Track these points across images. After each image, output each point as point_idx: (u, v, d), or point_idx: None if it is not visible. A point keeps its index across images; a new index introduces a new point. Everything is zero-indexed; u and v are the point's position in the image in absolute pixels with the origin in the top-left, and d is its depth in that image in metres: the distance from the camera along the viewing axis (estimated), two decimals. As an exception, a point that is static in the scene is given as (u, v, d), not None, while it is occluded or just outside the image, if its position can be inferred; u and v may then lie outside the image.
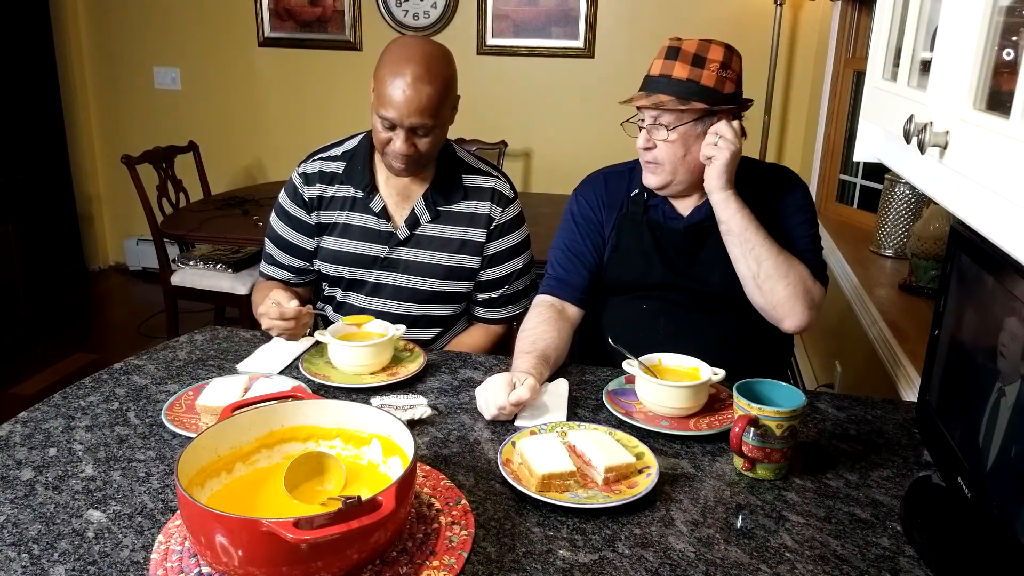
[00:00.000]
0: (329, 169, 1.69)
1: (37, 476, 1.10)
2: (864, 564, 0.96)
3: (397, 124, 1.51)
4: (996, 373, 0.96)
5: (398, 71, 1.48)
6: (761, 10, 3.64)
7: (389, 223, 1.67)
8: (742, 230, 1.43)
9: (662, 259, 1.55)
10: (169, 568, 0.91)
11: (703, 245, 1.54)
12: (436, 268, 1.68)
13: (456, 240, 1.68)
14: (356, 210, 1.68)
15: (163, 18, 4.33)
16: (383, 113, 1.51)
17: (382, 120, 1.52)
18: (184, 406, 1.30)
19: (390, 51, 1.54)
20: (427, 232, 1.67)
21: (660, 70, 1.45)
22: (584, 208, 1.62)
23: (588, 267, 1.59)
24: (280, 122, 4.38)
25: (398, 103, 1.48)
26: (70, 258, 4.64)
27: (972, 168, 0.77)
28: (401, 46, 1.54)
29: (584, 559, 0.96)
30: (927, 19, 1.03)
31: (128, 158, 3.35)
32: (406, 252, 1.68)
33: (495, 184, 1.71)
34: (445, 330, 1.77)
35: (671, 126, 1.45)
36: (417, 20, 4.02)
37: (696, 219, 1.54)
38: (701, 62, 1.43)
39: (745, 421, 1.12)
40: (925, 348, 1.25)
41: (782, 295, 1.43)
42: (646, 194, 1.57)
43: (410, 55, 1.50)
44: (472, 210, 1.68)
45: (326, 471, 1.04)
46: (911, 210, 2.46)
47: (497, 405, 1.27)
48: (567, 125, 4.05)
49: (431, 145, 1.56)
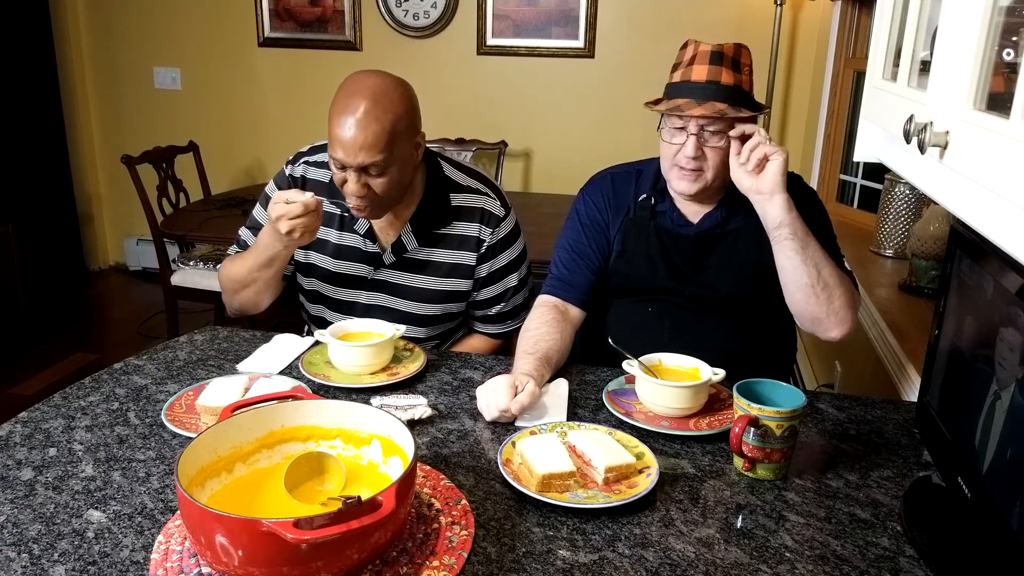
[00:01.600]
0: (313, 176, 1.63)
1: (37, 476, 1.10)
2: (864, 564, 0.96)
3: (347, 164, 1.43)
4: (993, 374, 0.96)
5: (345, 108, 1.41)
6: (761, 10, 3.64)
7: (375, 244, 1.61)
8: (805, 234, 1.37)
9: (668, 265, 1.54)
10: (169, 568, 0.91)
11: (712, 252, 1.53)
12: (428, 293, 1.64)
13: (446, 264, 1.63)
14: (343, 228, 1.62)
15: (163, 18, 4.33)
16: (332, 154, 1.44)
17: (334, 161, 1.46)
18: (184, 406, 1.30)
19: (342, 87, 1.46)
20: (416, 256, 1.62)
21: (707, 76, 1.41)
22: (591, 209, 1.61)
23: (591, 268, 1.58)
24: (280, 122, 4.38)
25: (344, 142, 1.40)
26: (70, 258, 4.63)
27: (972, 168, 0.77)
28: (352, 81, 1.46)
29: (584, 559, 0.96)
30: (927, 19, 1.03)
31: (128, 158, 3.35)
32: (395, 276, 1.63)
33: (484, 204, 1.63)
34: (442, 342, 1.77)
35: (724, 132, 1.42)
36: (417, 20, 4.02)
37: (707, 226, 1.53)
38: (739, 67, 1.43)
39: (745, 421, 1.12)
40: (925, 348, 1.25)
41: (838, 303, 1.39)
42: (653, 199, 1.56)
43: (359, 90, 1.43)
44: (462, 232, 1.62)
45: (326, 471, 1.04)
46: (911, 210, 2.46)
47: (499, 408, 1.26)
48: (567, 125, 4.05)
49: (388, 186, 1.47)
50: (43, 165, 4.35)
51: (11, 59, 4.10)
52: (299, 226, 1.42)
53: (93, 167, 4.68)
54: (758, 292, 1.51)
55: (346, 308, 1.67)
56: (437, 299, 1.65)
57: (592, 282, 1.58)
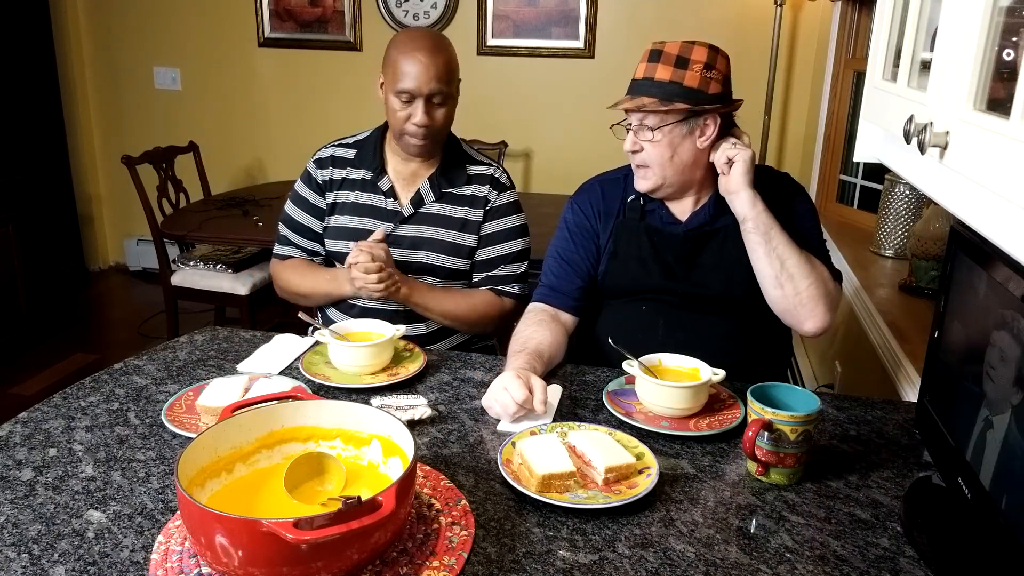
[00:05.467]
0: (340, 154, 1.80)
1: (37, 476, 1.10)
2: (864, 564, 0.96)
3: (416, 94, 1.61)
4: (991, 373, 0.96)
5: (411, 48, 1.61)
6: (761, 10, 3.64)
7: (395, 202, 1.75)
8: (768, 228, 1.43)
9: (660, 265, 1.55)
10: (169, 568, 0.91)
11: (703, 249, 1.54)
12: (439, 244, 1.75)
13: (459, 219, 1.76)
14: (366, 190, 1.76)
15: (163, 18, 4.33)
16: (401, 87, 1.61)
17: (399, 96, 1.62)
18: (184, 406, 1.30)
19: (397, 38, 1.67)
20: (431, 210, 1.75)
21: (643, 73, 1.47)
22: (579, 217, 1.62)
23: (581, 275, 1.60)
24: (280, 122, 4.38)
25: (416, 73, 1.59)
26: (70, 258, 4.63)
27: (972, 168, 0.77)
28: (406, 33, 1.68)
29: (584, 559, 0.96)
30: (927, 19, 1.03)
31: (128, 158, 3.34)
32: (411, 229, 1.74)
33: (494, 172, 1.80)
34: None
35: (656, 127, 1.46)
36: (417, 20, 4.02)
37: (695, 223, 1.54)
38: (684, 63, 1.43)
39: (759, 425, 1.11)
40: (925, 348, 1.25)
41: (805, 295, 1.43)
42: (642, 199, 1.57)
43: (418, 35, 1.65)
44: (473, 193, 1.77)
45: (326, 471, 1.04)
46: (911, 210, 2.46)
47: (518, 400, 1.26)
48: (567, 125, 4.05)
49: (445, 118, 1.67)
50: (43, 165, 4.35)
51: (11, 59, 4.10)
52: (369, 289, 1.62)
53: (93, 167, 4.68)
54: (751, 290, 1.51)
55: None
56: (447, 251, 1.76)
57: (581, 288, 1.60)
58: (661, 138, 1.46)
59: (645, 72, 1.46)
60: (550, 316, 1.57)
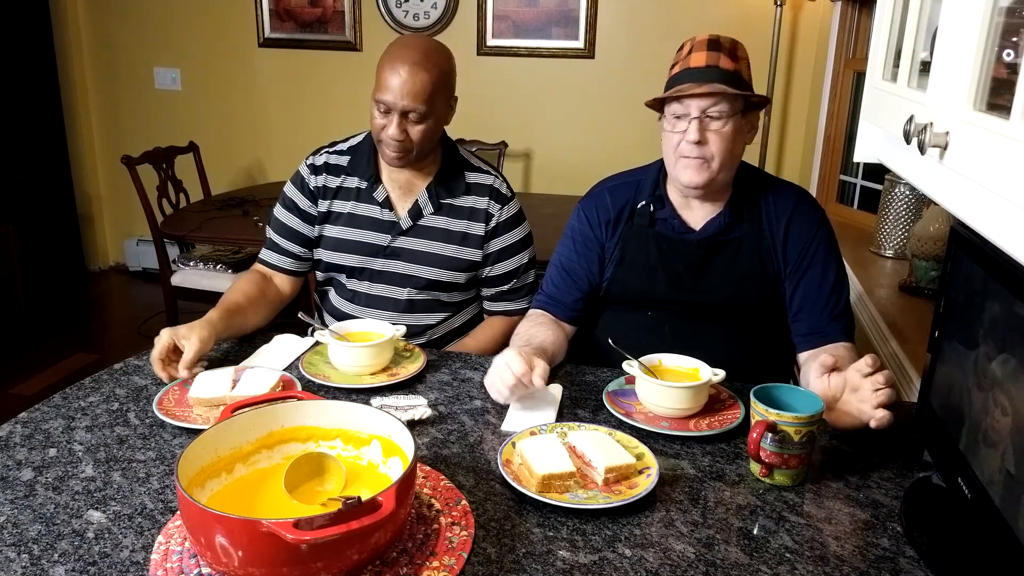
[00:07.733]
0: (334, 162, 1.75)
1: (37, 476, 1.10)
2: (864, 565, 0.96)
3: (391, 107, 1.58)
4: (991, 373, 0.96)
5: (396, 59, 1.58)
6: (761, 10, 3.64)
7: (392, 212, 1.72)
8: None
9: (668, 274, 1.53)
10: (169, 569, 0.91)
11: (715, 259, 1.51)
12: (439, 258, 1.71)
13: (458, 232, 1.72)
14: (361, 200, 1.73)
15: (163, 18, 4.33)
16: (378, 96, 1.58)
17: (378, 105, 1.60)
18: (173, 400, 1.32)
19: (391, 45, 1.63)
20: (430, 223, 1.72)
21: (706, 61, 1.40)
22: (584, 226, 1.60)
23: (580, 287, 1.59)
24: (280, 122, 4.38)
25: (393, 86, 1.56)
26: (70, 258, 4.63)
27: (972, 169, 0.77)
28: (403, 39, 1.64)
29: (584, 560, 0.96)
30: (927, 20, 1.02)
31: (128, 158, 3.34)
32: (409, 241, 1.72)
33: (493, 182, 1.75)
34: (452, 315, 1.79)
35: (725, 116, 1.40)
36: (417, 20, 4.02)
37: (710, 231, 1.51)
38: (736, 57, 1.42)
39: (763, 427, 1.11)
40: (925, 348, 1.25)
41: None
42: (653, 206, 1.54)
43: (409, 44, 1.61)
44: (472, 204, 1.73)
45: (326, 471, 1.04)
46: (911, 211, 2.46)
47: (516, 374, 1.26)
48: (567, 125, 4.05)
49: (423, 135, 1.61)
50: (43, 165, 4.35)
51: (11, 59, 4.10)
52: (157, 368, 1.38)
53: (93, 167, 4.68)
54: (757, 302, 1.50)
55: (358, 274, 1.75)
56: (446, 265, 1.73)
57: (581, 299, 1.60)
58: (729, 128, 1.40)
59: (708, 60, 1.40)
60: (550, 320, 1.58)
